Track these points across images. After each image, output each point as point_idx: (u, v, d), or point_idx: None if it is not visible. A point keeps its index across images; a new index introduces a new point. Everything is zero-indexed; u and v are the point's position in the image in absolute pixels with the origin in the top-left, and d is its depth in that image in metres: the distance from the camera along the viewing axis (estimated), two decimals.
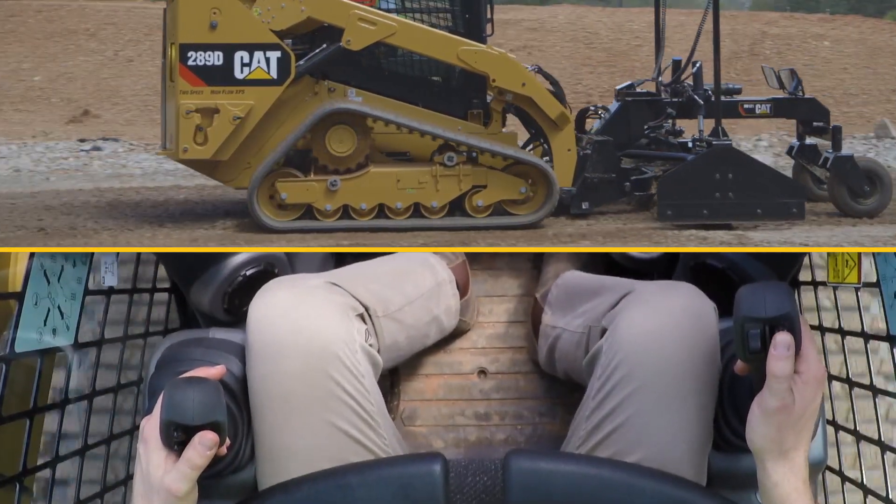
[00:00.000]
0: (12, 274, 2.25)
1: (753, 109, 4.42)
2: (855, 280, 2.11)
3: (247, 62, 3.95)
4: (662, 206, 4.01)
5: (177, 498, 1.52)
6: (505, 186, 4.07)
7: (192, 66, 3.93)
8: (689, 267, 2.24)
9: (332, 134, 4.02)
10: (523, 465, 1.64)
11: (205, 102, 3.92)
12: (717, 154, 4.05)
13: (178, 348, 1.94)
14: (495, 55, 4.04)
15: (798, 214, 3.99)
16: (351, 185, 4.01)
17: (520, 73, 4.07)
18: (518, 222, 4.04)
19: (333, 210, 4.02)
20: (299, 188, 4.01)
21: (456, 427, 2.42)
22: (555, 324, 2.26)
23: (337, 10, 3.99)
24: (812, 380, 1.54)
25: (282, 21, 3.97)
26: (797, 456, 1.55)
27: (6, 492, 1.81)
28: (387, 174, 4.05)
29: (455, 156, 4.05)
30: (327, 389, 1.77)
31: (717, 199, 3.98)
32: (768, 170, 4.10)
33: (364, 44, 4.00)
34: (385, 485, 1.64)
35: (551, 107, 4.09)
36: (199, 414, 1.53)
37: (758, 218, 4.01)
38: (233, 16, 3.94)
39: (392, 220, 4.03)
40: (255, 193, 3.98)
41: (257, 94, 3.94)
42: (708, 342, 1.77)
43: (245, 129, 3.96)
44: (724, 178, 3.98)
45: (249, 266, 2.21)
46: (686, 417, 1.75)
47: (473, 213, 4.07)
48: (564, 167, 4.13)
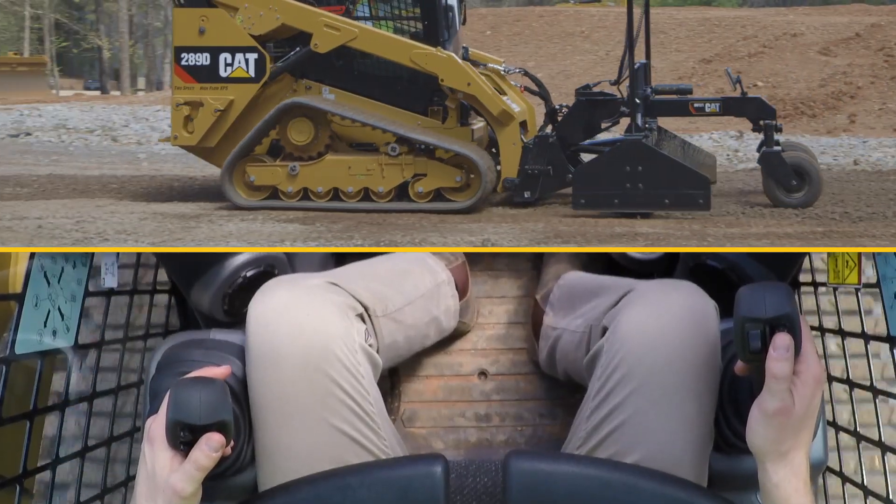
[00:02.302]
0: (12, 275, 2.26)
1: (703, 108, 4.68)
2: (855, 281, 2.11)
3: (229, 62, 4.61)
4: (576, 196, 4.32)
5: (182, 498, 1.52)
6: (442, 175, 4.51)
7: (185, 65, 4.64)
8: (689, 267, 2.24)
9: (293, 125, 4.57)
10: (523, 466, 1.64)
11: (193, 97, 4.59)
12: (628, 148, 4.31)
13: (179, 349, 1.94)
14: (443, 57, 4.49)
15: (704, 205, 4.19)
16: (308, 171, 4.55)
17: (465, 74, 4.50)
18: (454, 207, 4.47)
19: (294, 192, 4.56)
20: (266, 172, 4.58)
21: (456, 428, 2.42)
22: (555, 324, 2.26)
23: (306, 18, 4.57)
24: (811, 380, 1.54)
25: (260, 27, 4.59)
26: (797, 457, 1.55)
27: (6, 493, 1.81)
28: (340, 161, 4.56)
29: (398, 146, 4.50)
30: (327, 390, 1.77)
31: (628, 189, 4.24)
32: (676, 163, 4.32)
33: (329, 47, 4.55)
34: (385, 486, 1.64)
35: (494, 105, 4.49)
36: (206, 414, 1.53)
37: (666, 207, 4.27)
38: (218, 23, 4.60)
39: (344, 203, 4.55)
40: (226, 174, 4.57)
41: (238, 90, 4.59)
42: (709, 342, 1.77)
43: (227, 120, 4.60)
44: (633, 170, 4.24)
45: (250, 267, 2.21)
46: (686, 417, 1.75)
47: (416, 198, 4.52)
48: (510, 159, 4.56)
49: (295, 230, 3.99)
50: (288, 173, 4.57)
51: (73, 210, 4.53)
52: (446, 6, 4.71)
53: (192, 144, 4.70)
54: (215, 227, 4.08)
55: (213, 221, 4.19)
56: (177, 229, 4.02)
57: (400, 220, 4.23)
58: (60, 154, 7.54)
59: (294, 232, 3.95)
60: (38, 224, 4.16)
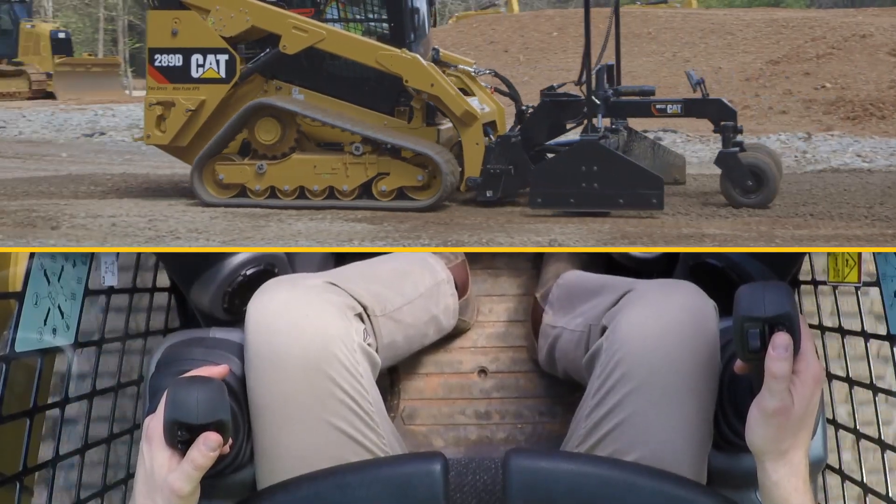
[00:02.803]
0: (12, 274, 2.26)
1: (665, 109, 4.77)
2: (855, 279, 2.11)
3: (201, 63, 4.74)
4: (533, 195, 4.39)
5: (180, 497, 1.52)
6: (404, 174, 4.60)
7: (158, 66, 4.77)
8: (689, 266, 2.24)
9: (261, 125, 4.68)
10: (523, 463, 1.64)
11: (165, 97, 4.73)
12: (583, 148, 4.40)
13: (179, 348, 1.94)
14: (407, 59, 4.60)
15: (657, 205, 4.27)
16: (276, 170, 4.66)
17: (428, 75, 4.60)
18: (415, 206, 4.54)
19: (262, 190, 4.68)
20: (234, 170, 4.70)
21: (456, 426, 2.42)
22: (555, 323, 2.26)
23: (275, 20, 4.69)
24: (810, 379, 1.54)
25: (231, 29, 4.71)
26: (796, 456, 1.55)
27: (7, 491, 1.81)
28: (306, 160, 4.67)
29: (361, 146, 4.60)
30: (326, 389, 1.78)
31: (583, 188, 4.33)
32: (630, 163, 4.40)
33: (298, 48, 4.67)
34: (385, 484, 1.64)
35: (457, 106, 4.58)
36: (204, 413, 1.53)
37: (620, 207, 4.34)
38: (190, 24, 4.73)
39: (310, 201, 4.64)
40: (196, 173, 4.70)
41: (209, 90, 4.72)
42: (708, 341, 1.77)
43: (199, 120, 4.73)
44: (589, 170, 4.33)
45: (249, 266, 2.22)
46: (685, 416, 1.75)
47: (379, 196, 4.61)
48: (473, 159, 4.64)
49: (363, 230, 4.00)
50: (255, 172, 4.67)
51: (145, 209, 4.60)
52: (412, 8, 4.84)
53: (165, 143, 4.82)
54: (284, 226, 4.11)
55: (283, 220, 4.22)
56: (247, 228, 4.07)
57: (467, 220, 4.23)
58: (133, 153, 7.67)
59: (362, 231, 3.96)
60: (111, 222, 4.23)
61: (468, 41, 13.70)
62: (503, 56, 13.19)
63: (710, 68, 10.97)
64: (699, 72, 5.12)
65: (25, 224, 4.24)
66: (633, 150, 5.38)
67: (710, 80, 8.64)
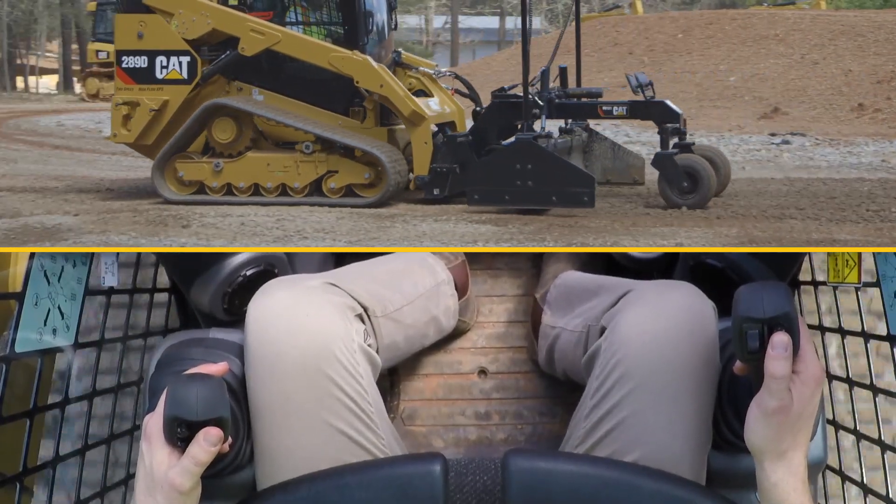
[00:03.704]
0: (12, 274, 2.25)
1: (611, 111, 4.95)
2: (855, 280, 2.11)
3: (165, 65, 4.98)
4: (470, 192, 4.55)
5: (180, 494, 1.52)
6: (352, 172, 4.83)
7: (125, 68, 5.02)
8: (688, 266, 2.24)
9: (217, 124, 4.93)
10: (522, 464, 1.64)
11: (131, 97, 4.98)
12: (518, 147, 4.56)
13: (179, 348, 1.94)
14: (358, 60, 4.83)
15: (588, 203, 4.41)
16: (231, 167, 4.90)
17: (377, 76, 4.81)
18: (362, 202, 4.77)
19: (219, 187, 4.91)
20: (193, 168, 4.94)
21: (456, 427, 2.42)
22: (554, 324, 2.26)
23: (234, 23, 4.94)
24: (810, 380, 1.54)
25: (193, 31, 4.95)
26: (795, 456, 1.55)
27: (6, 491, 1.82)
28: (260, 158, 4.91)
29: (311, 145, 4.83)
30: (325, 390, 1.78)
31: (518, 186, 4.48)
32: (563, 162, 4.56)
33: (255, 50, 4.92)
34: (385, 485, 1.64)
35: (405, 106, 4.79)
36: (203, 410, 1.53)
37: (553, 204, 4.48)
38: (155, 27, 4.97)
39: (264, 197, 4.88)
40: (157, 170, 4.95)
41: (172, 91, 4.96)
42: (707, 342, 1.77)
43: (163, 120, 4.98)
44: (524, 168, 4.47)
45: (249, 266, 2.22)
46: (684, 417, 1.75)
47: (329, 193, 4.84)
48: (422, 158, 4.84)
49: (487, 231, 4.02)
50: (213, 169, 4.90)
51: (273, 209, 4.66)
52: (366, 12, 5.09)
53: (130, 142, 5.09)
54: (409, 227, 4.14)
55: (408, 221, 4.26)
56: (372, 228, 4.10)
57: (592, 222, 4.22)
58: None
59: (486, 233, 3.98)
60: (240, 221, 4.31)
61: (591, 43, 13.49)
62: (627, 58, 13.07)
63: (839, 70, 10.78)
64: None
65: (157, 223, 4.34)
66: (594, 150, 5.56)
67: (839, 82, 8.63)
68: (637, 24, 15.05)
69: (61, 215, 4.59)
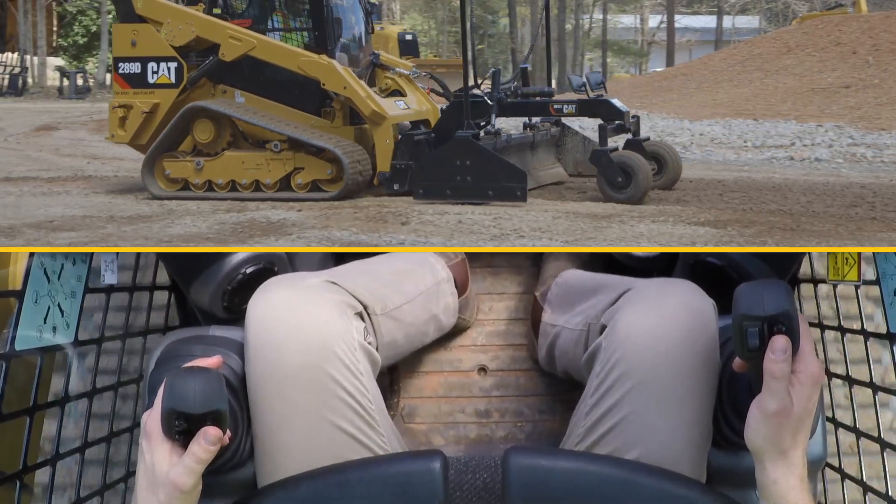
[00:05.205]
0: (12, 272, 2.25)
1: (562, 109, 5.25)
2: (855, 278, 2.11)
3: (156, 70, 5.45)
4: (415, 186, 4.90)
5: (182, 492, 1.52)
6: (316, 168, 5.23)
7: (122, 73, 5.52)
8: (688, 265, 2.24)
9: (198, 125, 5.36)
10: (522, 462, 1.64)
11: (126, 101, 5.47)
12: (458, 144, 4.83)
13: (178, 345, 1.94)
14: (324, 64, 5.22)
15: (521, 197, 4.69)
16: (211, 165, 5.34)
17: (341, 78, 5.19)
18: (325, 196, 5.15)
19: (201, 184, 5.34)
20: (178, 166, 5.38)
21: (456, 424, 2.42)
22: (554, 322, 2.26)
23: (215, 30, 5.40)
24: (809, 379, 1.54)
25: (180, 39, 5.41)
26: (795, 455, 1.55)
27: (6, 490, 1.82)
28: (236, 157, 5.34)
29: (280, 143, 5.24)
30: (326, 387, 1.78)
31: (458, 181, 4.79)
32: (498, 159, 4.81)
33: (234, 55, 5.34)
34: (385, 482, 1.64)
35: (366, 106, 5.14)
36: (201, 402, 1.53)
37: (490, 199, 4.75)
38: (146, 36, 5.46)
39: (240, 193, 5.29)
40: (145, 169, 5.40)
41: (162, 94, 5.44)
42: (707, 340, 1.77)
43: (154, 121, 5.45)
44: (463, 164, 4.77)
45: (249, 264, 2.21)
46: (684, 414, 1.75)
47: (297, 189, 5.24)
48: (384, 155, 5.18)
49: (706, 233, 4.01)
50: (195, 167, 5.34)
51: (490, 207, 4.74)
52: (334, 18, 5.49)
53: (126, 141, 5.56)
54: (626, 227, 4.14)
55: (625, 222, 4.26)
56: (588, 228, 4.12)
57: (815, 226, 4.15)
58: None
59: (705, 235, 3.98)
60: (458, 219, 4.38)
61: (813, 43, 13.28)
62: (851, 58, 12.73)
63: None
64: None
65: (377, 219, 4.46)
66: (566, 144, 5.90)
67: None
68: (861, 23, 14.46)
69: (286, 211, 4.84)
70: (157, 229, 4.38)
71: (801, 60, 12.61)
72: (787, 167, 7.12)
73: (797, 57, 12.78)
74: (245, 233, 4.24)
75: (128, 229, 4.41)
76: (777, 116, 9.77)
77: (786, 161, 7.40)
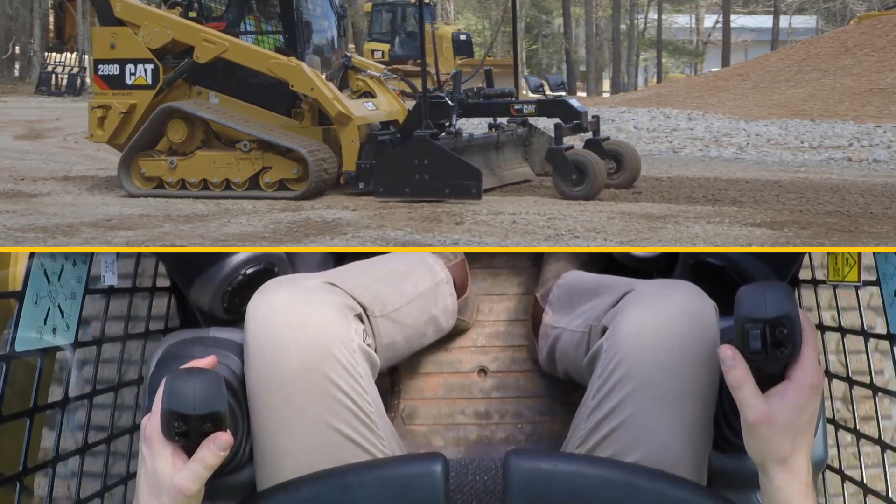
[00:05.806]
0: (12, 273, 2.25)
1: (522, 110, 5.45)
2: (855, 278, 2.11)
3: (133, 72, 5.66)
4: (376, 185, 5.09)
5: (186, 497, 1.52)
6: (283, 167, 5.42)
7: (101, 75, 5.72)
8: (688, 265, 2.24)
9: (171, 126, 5.55)
10: (523, 464, 1.64)
11: (105, 101, 5.68)
12: (416, 144, 5.01)
13: (179, 347, 1.94)
14: (292, 66, 5.41)
15: (476, 195, 4.85)
16: (183, 164, 5.54)
17: (308, 80, 5.37)
18: (292, 195, 5.32)
19: (175, 182, 5.55)
20: (153, 164, 5.59)
21: (456, 426, 2.42)
22: (555, 324, 2.26)
23: (190, 33, 5.61)
24: (806, 386, 1.52)
25: (156, 42, 5.62)
26: (797, 461, 1.53)
27: (6, 491, 1.81)
28: (208, 156, 5.54)
29: (249, 143, 5.42)
30: (325, 390, 1.77)
31: (417, 180, 4.95)
32: (454, 158, 4.96)
33: (207, 57, 5.54)
34: (385, 485, 1.64)
35: (332, 107, 5.32)
36: (200, 403, 1.52)
37: (446, 196, 4.91)
38: (124, 39, 5.68)
39: (211, 191, 5.48)
40: (122, 167, 5.59)
41: (139, 95, 5.66)
42: (708, 342, 1.77)
43: (132, 121, 5.66)
44: (421, 163, 4.93)
45: (249, 265, 2.21)
46: (686, 417, 1.74)
47: (265, 188, 5.43)
48: (349, 154, 5.36)
49: (762, 234, 4.01)
50: (168, 166, 5.54)
51: (545, 206, 4.80)
52: (304, 22, 5.73)
53: (104, 141, 5.77)
54: (682, 228, 4.14)
55: (680, 223, 4.26)
56: (643, 229, 4.12)
57: (873, 228, 4.11)
58: None
59: (761, 237, 3.97)
60: (512, 219, 4.41)
61: (871, 43, 13.10)
62: None
63: None
64: None
65: (431, 219, 4.51)
66: (532, 144, 6.08)
67: None
68: None
69: (340, 210, 4.93)
70: (214, 228, 4.43)
71: (859, 60, 12.41)
72: (844, 168, 7.11)
73: (855, 57, 12.60)
74: (300, 231, 4.27)
75: (184, 228, 4.45)
76: (835, 117, 9.72)
77: (843, 162, 7.38)
